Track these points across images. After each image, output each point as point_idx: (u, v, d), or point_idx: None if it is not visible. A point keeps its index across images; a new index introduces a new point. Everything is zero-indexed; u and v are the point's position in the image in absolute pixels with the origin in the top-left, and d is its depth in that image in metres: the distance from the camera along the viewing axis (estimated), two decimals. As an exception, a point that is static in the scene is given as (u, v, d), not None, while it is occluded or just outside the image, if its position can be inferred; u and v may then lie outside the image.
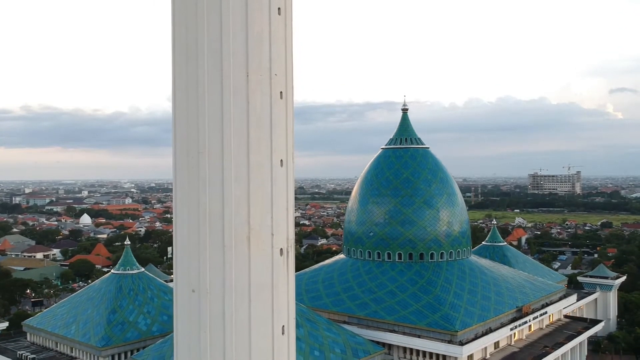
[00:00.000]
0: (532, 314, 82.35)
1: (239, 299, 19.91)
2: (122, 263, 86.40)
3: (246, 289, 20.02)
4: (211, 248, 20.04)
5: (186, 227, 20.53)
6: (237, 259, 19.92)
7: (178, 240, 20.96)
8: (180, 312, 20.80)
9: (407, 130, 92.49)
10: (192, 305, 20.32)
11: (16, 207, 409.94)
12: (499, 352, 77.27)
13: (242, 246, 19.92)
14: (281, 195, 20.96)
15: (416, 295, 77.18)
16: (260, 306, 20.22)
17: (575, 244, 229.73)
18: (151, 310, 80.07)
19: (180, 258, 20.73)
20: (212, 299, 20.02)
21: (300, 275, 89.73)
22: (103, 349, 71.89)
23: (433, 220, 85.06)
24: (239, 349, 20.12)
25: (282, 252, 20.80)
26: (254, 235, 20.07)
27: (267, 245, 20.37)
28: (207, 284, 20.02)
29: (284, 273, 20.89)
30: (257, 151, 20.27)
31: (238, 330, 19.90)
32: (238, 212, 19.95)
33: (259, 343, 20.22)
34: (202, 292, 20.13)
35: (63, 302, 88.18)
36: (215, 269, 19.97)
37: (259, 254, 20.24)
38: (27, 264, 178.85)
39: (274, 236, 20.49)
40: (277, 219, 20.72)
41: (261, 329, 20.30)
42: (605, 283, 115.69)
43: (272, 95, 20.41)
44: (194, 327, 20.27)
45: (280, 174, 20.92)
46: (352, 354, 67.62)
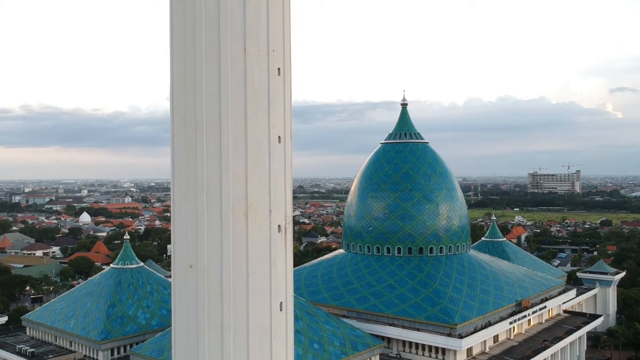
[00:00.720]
0: (531, 308, 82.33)
1: (236, 274, 19.90)
2: (121, 257, 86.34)
3: (244, 264, 20.01)
4: (209, 223, 20.03)
5: (184, 202, 20.51)
6: (235, 234, 19.90)
7: (176, 216, 20.93)
8: (178, 288, 20.78)
9: (407, 125, 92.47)
10: (190, 281, 20.31)
11: (16, 205, 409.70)
12: (498, 345, 77.28)
13: (240, 222, 19.90)
14: (279, 172, 20.95)
15: (415, 289, 77.17)
16: (258, 282, 20.22)
17: (575, 241, 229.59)
18: (150, 305, 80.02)
19: (178, 234, 20.71)
20: (210, 274, 20.01)
21: (299, 270, 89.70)
22: (102, 343, 71.84)
23: (432, 215, 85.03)
24: (237, 324, 20.10)
25: (280, 228, 20.78)
26: (252, 211, 20.04)
27: (265, 222, 20.35)
28: (205, 259, 20.00)
29: (282, 250, 20.88)
30: (254, 127, 20.26)
31: (236, 306, 19.89)
32: (236, 187, 19.94)
33: (257, 319, 20.21)
34: (200, 268, 20.12)
35: (62, 297, 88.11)
36: (213, 245, 19.96)
37: (257, 230, 20.22)
38: (26, 262, 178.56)
39: (271, 212, 20.48)
40: (275, 196, 20.71)
41: (259, 305, 20.29)
42: (605, 279, 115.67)
43: (269, 71, 20.42)
44: (192, 303, 20.27)
45: (278, 150, 20.93)
46: (352, 346, 67.54)
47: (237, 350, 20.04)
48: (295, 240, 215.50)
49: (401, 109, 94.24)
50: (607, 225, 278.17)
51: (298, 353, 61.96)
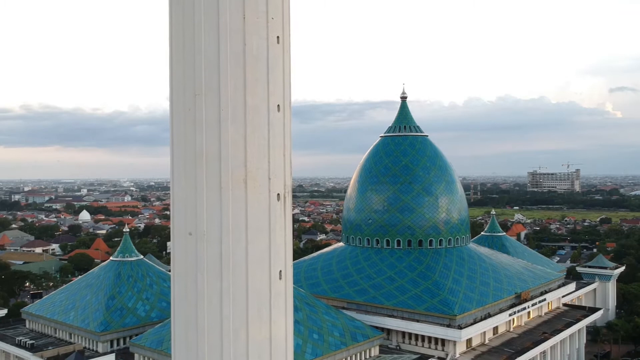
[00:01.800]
0: (530, 300, 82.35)
1: (235, 241, 19.91)
2: (120, 250, 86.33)
3: (243, 231, 20.03)
4: (208, 191, 20.03)
5: (182, 169, 20.52)
6: (234, 201, 19.92)
7: (175, 183, 20.93)
8: (177, 255, 20.78)
9: (406, 119, 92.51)
10: (189, 248, 20.32)
11: (15, 204, 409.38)
12: (498, 337, 77.32)
13: (239, 189, 19.91)
14: (278, 141, 20.99)
15: (415, 281, 77.21)
16: (257, 249, 20.24)
17: (574, 239, 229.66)
18: (150, 297, 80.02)
19: (177, 201, 20.71)
20: (209, 241, 20.02)
21: (299, 263, 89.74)
22: (102, 334, 71.85)
23: (432, 207, 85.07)
24: (236, 291, 20.13)
25: (279, 197, 20.79)
26: (251, 178, 20.05)
27: (264, 189, 20.37)
28: (204, 226, 20.03)
29: (281, 218, 20.89)
30: (253, 93, 20.30)
31: (235, 273, 19.91)
32: (235, 154, 19.96)
33: (256, 286, 20.24)
34: (199, 235, 20.13)
35: (62, 289, 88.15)
36: (212, 212, 19.97)
37: (256, 198, 20.24)
38: (26, 258, 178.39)
39: (270, 180, 20.49)
40: (274, 164, 20.72)
41: (258, 272, 20.31)
42: (604, 273, 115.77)
43: (268, 38, 20.46)
44: (191, 270, 20.29)
45: (278, 118, 20.95)
46: (351, 337, 67.57)
47: (236, 317, 20.06)
48: (295, 237, 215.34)
49: (401, 103, 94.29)
50: (606, 223, 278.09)
51: (298, 343, 61.97)
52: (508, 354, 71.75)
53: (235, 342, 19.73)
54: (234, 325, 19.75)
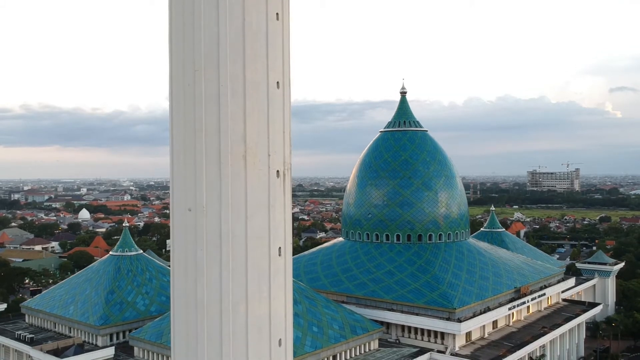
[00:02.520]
0: (530, 295, 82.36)
1: (235, 217, 19.94)
2: (120, 245, 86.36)
3: (242, 207, 20.05)
4: (207, 166, 20.04)
5: (182, 144, 20.54)
6: (234, 177, 19.94)
7: (174, 158, 20.95)
8: (176, 230, 20.79)
9: (406, 114, 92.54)
10: (189, 223, 20.35)
11: (15, 203, 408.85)
12: (497, 332, 77.36)
13: (238, 164, 19.94)
14: (277, 117, 21.00)
15: (414, 275, 77.25)
16: (257, 225, 20.27)
17: (574, 237, 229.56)
18: (150, 291, 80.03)
19: (177, 176, 20.73)
20: (209, 216, 20.05)
21: (298, 258, 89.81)
22: (101, 328, 71.84)
23: (431, 202, 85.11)
24: (236, 266, 20.16)
25: (278, 174, 20.81)
26: (250, 154, 20.08)
27: (264, 165, 20.39)
28: (204, 201, 20.06)
29: (281, 195, 20.91)
30: (253, 69, 20.33)
31: (235, 248, 19.94)
32: (234, 129, 19.98)
33: (256, 262, 20.26)
34: (199, 210, 20.16)
35: (61, 284, 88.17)
36: (211, 187, 19.99)
37: (256, 173, 20.26)
38: (25, 256, 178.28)
39: (270, 156, 20.51)
40: (274, 140, 20.75)
41: (258, 248, 20.34)
42: (604, 269, 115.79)
43: (267, 14, 20.43)
44: (191, 245, 20.32)
45: (277, 95, 20.96)
46: (351, 330, 67.62)
47: (235, 292, 20.09)
48: (295, 235, 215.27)
49: (400, 98, 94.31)
50: (606, 221, 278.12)
51: (297, 335, 61.97)
52: (507, 348, 71.77)
53: (235, 316, 19.78)
54: (233, 300, 19.79)
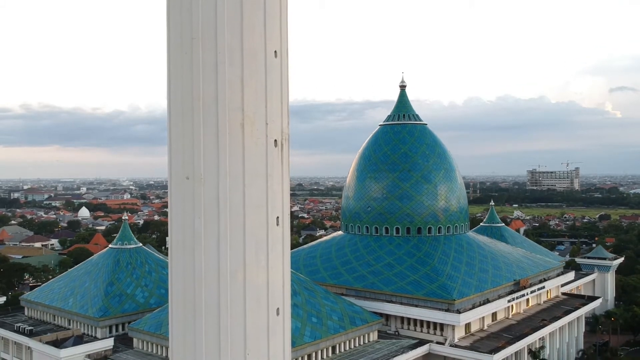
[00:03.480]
0: (529, 287, 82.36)
1: (232, 185, 19.93)
2: (119, 238, 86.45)
3: (240, 175, 20.04)
4: (205, 134, 20.06)
5: (179, 113, 20.53)
6: (231, 145, 19.95)
7: (172, 127, 20.96)
8: (174, 200, 20.80)
9: (405, 107, 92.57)
10: (186, 192, 20.34)
11: (14, 201, 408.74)
12: (497, 324, 77.35)
13: (236, 133, 19.94)
14: (275, 87, 20.97)
15: (414, 267, 77.26)
16: (255, 194, 20.27)
17: (574, 234, 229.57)
18: (149, 284, 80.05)
19: (174, 145, 20.75)
20: (206, 185, 20.05)
21: (297, 251, 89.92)
22: (100, 320, 71.86)
23: (431, 195, 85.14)
24: (234, 235, 20.16)
25: (276, 143, 20.83)
26: (248, 122, 20.08)
27: (262, 134, 20.40)
28: (201, 170, 20.06)
29: (279, 164, 20.91)
30: (250, 37, 20.29)
31: (232, 217, 19.94)
32: (232, 97, 19.96)
33: (254, 230, 20.27)
34: (196, 179, 20.16)
35: (60, 277, 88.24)
36: (209, 155, 19.99)
37: (253, 142, 20.27)
38: (25, 253, 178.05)
39: (267, 125, 20.51)
40: (271, 109, 20.74)
41: (255, 217, 20.34)
42: (603, 264, 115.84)
43: (264, -18, 20.52)
44: (188, 214, 20.32)
45: (275, 64, 20.94)
46: (350, 321, 67.66)
47: (233, 261, 20.09)
48: (294, 233, 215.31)
49: (399, 91, 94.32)
50: (605, 219, 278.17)
51: (296, 326, 62.06)
52: (507, 340, 71.75)
53: (232, 285, 19.78)
54: (231, 269, 19.79)
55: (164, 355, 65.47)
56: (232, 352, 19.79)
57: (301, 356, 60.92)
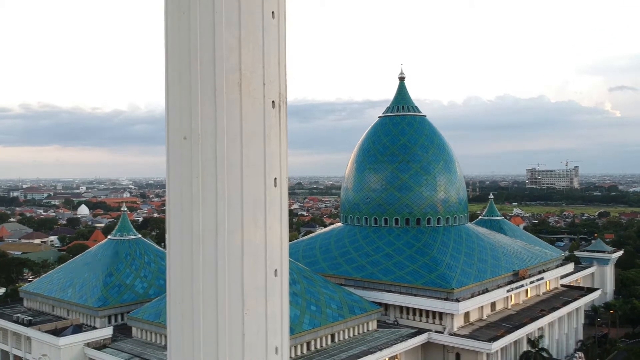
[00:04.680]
0: (528, 278, 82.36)
1: (230, 144, 19.93)
2: (118, 229, 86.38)
3: (238, 135, 20.05)
4: (203, 94, 20.04)
5: (177, 73, 20.51)
6: (229, 104, 19.93)
7: (169, 87, 20.96)
8: (172, 160, 20.78)
9: (404, 99, 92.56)
10: (184, 152, 20.33)
11: (14, 200, 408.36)
12: (496, 314, 77.30)
13: (233, 92, 19.93)
14: (272, 48, 20.96)
15: (413, 257, 77.26)
16: (252, 154, 20.27)
17: (573, 231, 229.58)
18: (148, 275, 79.99)
19: (172, 105, 20.73)
20: (204, 144, 20.04)
21: (296, 243, 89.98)
22: (99, 309, 71.85)
23: (430, 186, 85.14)
24: (231, 194, 20.16)
25: (274, 104, 20.83)
26: (245, 82, 20.07)
27: (259, 94, 20.39)
28: (199, 129, 20.05)
29: (276, 126, 20.92)
30: (248, -2, 20.29)
31: (230, 176, 19.92)
32: (229, 57, 19.95)
33: (251, 190, 20.28)
34: (194, 138, 20.16)
35: (59, 268, 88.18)
36: (206, 115, 19.99)
37: (251, 102, 20.26)
38: (24, 249, 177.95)
39: (265, 86, 20.50)
40: (269, 70, 20.72)
41: (253, 177, 20.31)
42: (603, 257, 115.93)
43: (261, -57, 20.51)
44: (186, 174, 20.30)
45: (272, 25, 20.91)
46: (349, 310, 67.67)
47: (231, 220, 20.10)
48: (294, 230, 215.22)
49: (398, 83, 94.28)
50: (605, 216, 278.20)
51: (295, 314, 62.05)
52: (506, 329, 71.74)
53: (230, 244, 19.78)
54: (229, 228, 19.80)
55: (163, 344, 65.40)
56: (229, 310, 19.80)
57: (300, 343, 60.97)
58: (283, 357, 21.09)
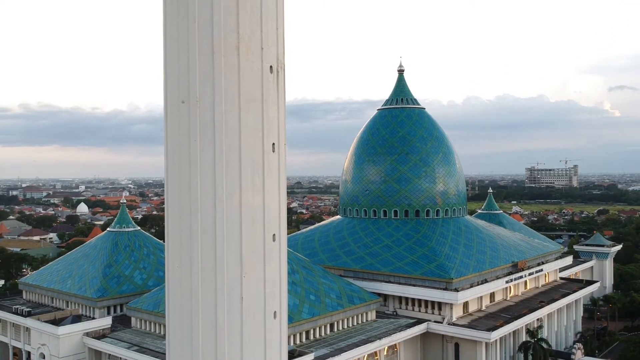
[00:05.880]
0: (527, 270, 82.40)
1: (228, 108, 19.94)
2: (117, 221, 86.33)
3: (236, 98, 20.05)
4: (200, 57, 20.06)
5: (175, 36, 20.51)
6: (227, 68, 19.94)
7: (168, 51, 20.98)
8: (170, 123, 20.79)
9: (403, 91, 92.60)
10: (182, 115, 20.34)
11: (13, 198, 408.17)
12: (495, 305, 77.33)
13: (231, 56, 19.95)
14: (271, 12, 20.89)
15: (412, 248, 77.29)
16: (251, 117, 20.29)
17: (572, 228, 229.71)
18: (147, 266, 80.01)
19: (170, 69, 20.76)
20: (202, 108, 20.06)
21: (295, 235, 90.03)
22: (98, 300, 71.87)
23: (429, 178, 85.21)
24: (230, 157, 20.17)
25: (272, 69, 20.85)
26: (243, 45, 20.09)
27: (257, 58, 20.41)
28: (197, 93, 20.06)
29: (274, 91, 20.91)
30: (244, -41, 20.30)
31: (228, 140, 19.93)
32: (227, 20, 19.94)
33: (249, 154, 20.29)
34: (192, 102, 20.17)
35: (58, 260, 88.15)
36: (204, 78, 20.00)
37: (249, 66, 20.27)
38: (23, 245, 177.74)
39: (263, 50, 20.53)
40: (267, 35, 20.72)
41: (251, 140, 20.34)
42: (602, 251, 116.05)
43: None
44: (184, 137, 20.32)
45: (269, -10, 20.97)
46: (348, 300, 67.69)
47: (229, 183, 20.12)
48: (293, 227, 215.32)
49: (398, 76, 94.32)
50: (604, 214, 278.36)
51: (295, 302, 62.10)
52: (505, 319, 71.77)
53: (229, 206, 19.80)
54: (227, 191, 19.81)
55: (162, 333, 65.39)
56: (228, 274, 19.82)
57: (299, 332, 60.98)
58: (282, 322, 21.10)
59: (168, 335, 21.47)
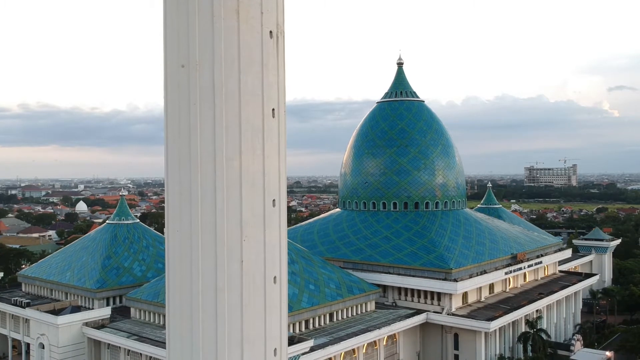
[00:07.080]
0: (527, 262, 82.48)
1: (228, 72, 19.95)
2: (117, 213, 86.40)
3: (235, 62, 20.06)
4: (200, 20, 20.08)
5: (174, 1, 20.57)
6: (226, 31, 19.95)
7: (167, 14, 20.95)
8: (169, 88, 20.79)
9: (403, 84, 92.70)
10: (182, 80, 20.33)
11: (12, 197, 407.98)
12: (494, 296, 77.45)
13: (231, 19, 19.95)
14: (269, -23, 21.05)
15: (411, 240, 77.38)
16: (250, 81, 20.30)
17: (571, 225, 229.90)
18: (146, 258, 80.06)
19: (169, 33, 20.78)
20: (202, 71, 20.06)
21: (295, 228, 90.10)
22: (97, 291, 71.93)
23: (428, 171, 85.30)
24: (229, 121, 20.16)
25: (271, 34, 20.88)
26: (243, 9, 20.10)
27: (257, 22, 20.42)
28: (197, 57, 20.08)
29: (274, 56, 20.93)
30: None
31: (228, 103, 19.94)
32: (226, -18, 20.00)
33: (249, 118, 20.32)
34: (192, 66, 20.19)
35: (58, 253, 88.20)
36: (204, 42, 20.01)
37: (249, 29, 20.27)
38: (22, 242, 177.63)
39: (263, 15, 20.54)
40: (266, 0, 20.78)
41: (251, 104, 20.33)
42: (601, 245, 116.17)
43: None
44: (184, 102, 20.33)
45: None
46: (347, 290, 67.75)
47: (229, 147, 20.14)
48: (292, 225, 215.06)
49: (397, 69, 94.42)
50: (602, 212, 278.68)
51: (294, 292, 62.17)
52: (504, 310, 71.86)
53: (228, 171, 19.81)
54: (226, 155, 19.82)
55: (162, 323, 65.45)
56: (228, 237, 19.84)
57: (299, 321, 61.02)
58: (282, 288, 21.13)
59: (167, 300, 21.49)
